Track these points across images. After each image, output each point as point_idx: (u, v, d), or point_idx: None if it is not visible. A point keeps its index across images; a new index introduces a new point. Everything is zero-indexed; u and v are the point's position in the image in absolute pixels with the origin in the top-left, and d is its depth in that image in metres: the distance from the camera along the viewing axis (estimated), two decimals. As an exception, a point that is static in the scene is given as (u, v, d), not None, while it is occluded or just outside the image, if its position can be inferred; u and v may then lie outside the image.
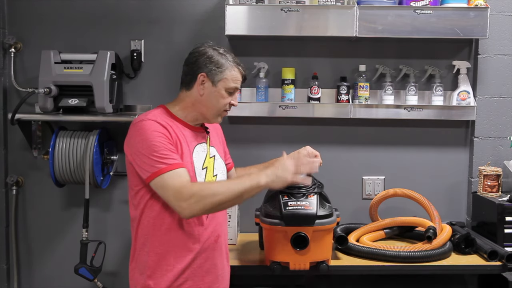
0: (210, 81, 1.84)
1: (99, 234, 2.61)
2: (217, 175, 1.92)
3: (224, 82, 1.84)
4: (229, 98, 1.87)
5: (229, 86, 1.85)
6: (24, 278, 2.69)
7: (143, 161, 1.72)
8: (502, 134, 2.65)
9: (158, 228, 1.79)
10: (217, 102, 1.85)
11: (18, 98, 2.54)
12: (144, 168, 1.72)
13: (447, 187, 2.69)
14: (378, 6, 2.45)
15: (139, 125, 1.76)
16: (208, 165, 1.89)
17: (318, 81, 2.58)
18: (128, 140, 1.79)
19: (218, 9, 2.60)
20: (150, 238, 1.80)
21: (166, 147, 1.73)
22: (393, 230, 2.48)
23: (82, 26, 2.61)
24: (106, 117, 2.42)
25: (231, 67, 1.86)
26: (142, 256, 1.82)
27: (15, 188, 2.63)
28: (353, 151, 2.68)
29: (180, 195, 1.68)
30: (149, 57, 2.63)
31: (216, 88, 1.84)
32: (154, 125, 1.76)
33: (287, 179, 1.76)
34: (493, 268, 2.20)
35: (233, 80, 1.86)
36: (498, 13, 2.60)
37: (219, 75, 1.84)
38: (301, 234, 1.96)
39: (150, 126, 1.75)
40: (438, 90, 2.58)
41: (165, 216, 1.79)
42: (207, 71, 1.83)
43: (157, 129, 1.75)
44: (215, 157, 1.95)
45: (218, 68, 1.83)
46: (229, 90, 1.86)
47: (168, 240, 1.79)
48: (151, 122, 1.76)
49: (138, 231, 1.83)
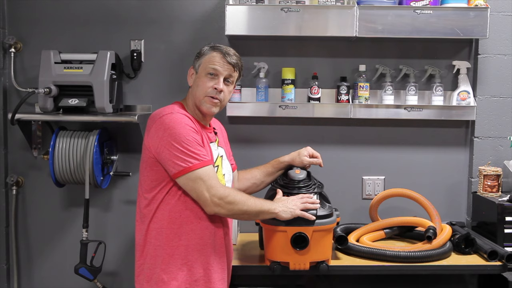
0: (194, 70, 1.94)
1: (99, 234, 2.61)
2: (225, 175, 1.97)
3: (203, 66, 1.90)
4: (211, 81, 1.89)
5: (207, 67, 1.89)
6: (24, 278, 2.69)
7: (174, 154, 1.76)
8: (502, 134, 2.65)
9: (173, 222, 1.82)
10: (199, 86, 1.89)
11: (18, 98, 2.54)
12: (175, 162, 1.75)
13: (447, 187, 2.69)
14: (378, 6, 2.45)
15: (168, 118, 1.79)
16: (219, 164, 1.94)
17: (318, 81, 2.58)
18: (153, 134, 1.80)
19: (218, 9, 2.60)
20: (164, 231, 1.82)
21: (198, 142, 1.79)
22: (393, 230, 2.48)
23: (82, 26, 2.61)
24: (106, 117, 2.42)
25: (208, 51, 1.92)
26: (154, 250, 1.83)
27: (15, 188, 2.63)
28: (353, 151, 2.68)
29: (216, 191, 1.77)
30: (149, 57, 2.63)
31: (198, 74, 1.92)
32: (185, 119, 1.81)
33: (293, 212, 1.92)
34: (493, 268, 2.20)
35: (211, 62, 1.89)
36: (498, 13, 2.60)
37: (199, 61, 1.92)
38: (301, 234, 1.96)
39: (181, 119, 1.80)
40: (438, 90, 2.58)
41: (181, 210, 1.82)
42: (194, 64, 1.95)
43: (188, 123, 1.81)
44: (223, 157, 2.00)
45: (199, 57, 1.93)
46: (209, 72, 1.89)
47: (183, 234, 1.81)
48: (181, 115, 1.81)
49: (150, 226, 1.83)
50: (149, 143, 1.82)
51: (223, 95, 1.91)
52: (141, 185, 1.88)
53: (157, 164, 1.81)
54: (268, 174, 2.22)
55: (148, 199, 1.84)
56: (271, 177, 2.22)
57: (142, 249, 1.86)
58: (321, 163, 2.21)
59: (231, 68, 1.91)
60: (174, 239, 1.81)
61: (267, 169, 2.22)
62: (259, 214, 1.89)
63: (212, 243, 1.86)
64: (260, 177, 2.23)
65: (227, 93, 1.93)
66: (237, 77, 1.98)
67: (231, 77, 1.93)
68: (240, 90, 2.58)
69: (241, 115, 2.56)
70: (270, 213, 1.90)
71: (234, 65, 1.91)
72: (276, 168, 2.21)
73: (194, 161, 1.76)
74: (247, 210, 1.83)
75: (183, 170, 1.75)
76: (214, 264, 1.87)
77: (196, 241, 1.83)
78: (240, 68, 1.97)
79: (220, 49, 1.91)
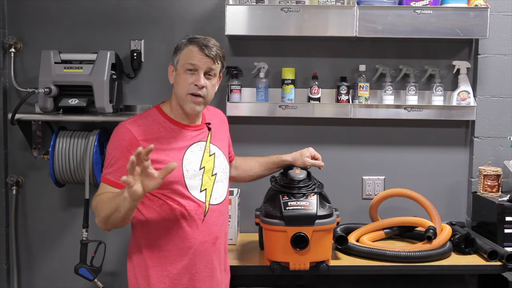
0: (174, 67, 1.84)
1: (99, 234, 2.60)
2: (216, 174, 1.88)
3: (181, 62, 1.79)
4: (191, 77, 1.78)
5: (185, 63, 1.78)
6: (24, 278, 2.69)
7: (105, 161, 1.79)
8: (502, 134, 2.64)
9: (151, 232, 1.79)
10: (179, 84, 1.80)
11: (18, 98, 2.54)
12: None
13: (447, 187, 2.69)
14: (378, 6, 2.45)
15: (115, 129, 1.79)
16: (206, 165, 1.86)
17: (318, 81, 2.58)
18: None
19: (218, 9, 2.60)
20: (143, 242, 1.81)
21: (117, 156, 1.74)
22: (393, 230, 2.48)
23: (82, 26, 2.61)
24: (106, 117, 2.42)
25: (185, 45, 1.80)
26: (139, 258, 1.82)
27: (15, 188, 2.63)
28: (353, 151, 2.68)
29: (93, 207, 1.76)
30: (149, 57, 2.63)
31: (177, 70, 1.81)
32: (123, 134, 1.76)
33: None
34: (493, 268, 2.20)
35: (188, 57, 1.77)
36: (498, 13, 2.60)
37: (177, 56, 1.82)
38: (301, 234, 1.96)
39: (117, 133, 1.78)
40: (438, 90, 2.58)
41: (160, 220, 1.77)
42: (172, 60, 1.85)
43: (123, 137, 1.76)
44: (215, 155, 1.91)
45: (176, 51, 1.83)
46: (187, 68, 1.77)
47: (163, 244, 1.78)
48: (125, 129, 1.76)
49: (135, 234, 1.83)
50: None
51: (205, 90, 1.79)
52: None
53: None
54: (267, 169, 2.21)
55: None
56: (268, 172, 2.22)
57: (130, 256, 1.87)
58: (322, 165, 2.21)
59: (211, 61, 1.78)
60: (154, 250, 1.79)
61: (268, 165, 2.21)
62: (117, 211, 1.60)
63: (194, 252, 1.81)
64: (257, 170, 2.21)
65: (211, 88, 1.81)
66: (221, 68, 1.85)
67: (212, 70, 1.80)
68: (240, 90, 2.58)
69: (241, 115, 2.56)
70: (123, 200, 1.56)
71: (214, 57, 1.78)
72: (277, 165, 2.21)
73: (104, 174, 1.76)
74: (108, 213, 1.63)
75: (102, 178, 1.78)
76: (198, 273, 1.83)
77: (177, 251, 1.79)
78: (222, 58, 1.83)
79: (197, 41, 1.79)
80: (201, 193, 1.82)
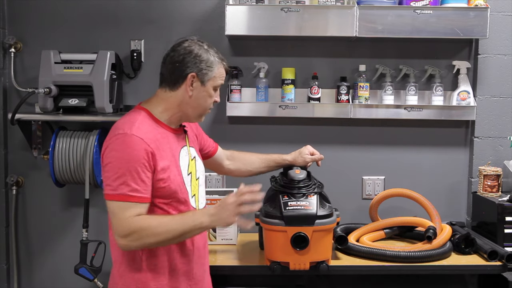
0: (200, 81, 1.73)
1: (99, 234, 2.60)
2: (199, 178, 1.85)
3: (213, 81, 1.75)
4: (214, 96, 1.79)
5: (217, 84, 1.77)
6: (24, 278, 2.69)
7: (104, 177, 1.63)
8: (502, 134, 2.65)
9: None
10: (205, 101, 1.76)
11: (18, 98, 2.54)
12: (107, 183, 1.62)
13: (447, 187, 2.69)
14: (378, 6, 2.45)
15: (120, 139, 1.62)
16: (192, 169, 1.82)
17: (318, 81, 2.58)
18: (105, 151, 1.64)
19: (218, 9, 2.60)
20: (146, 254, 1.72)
21: (135, 171, 1.60)
22: (393, 230, 2.48)
23: (82, 26, 2.61)
24: (106, 117, 2.42)
25: (218, 64, 1.76)
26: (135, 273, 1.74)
27: (15, 188, 2.63)
28: (353, 151, 2.68)
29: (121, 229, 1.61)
30: (149, 57, 2.63)
31: (205, 87, 1.74)
32: (138, 145, 1.62)
33: (228, 221, 1.66)
34: (493, 268, 2.20)
35: (221, 78, 1.78)
36: (498, 13, 2.60)
37: (209, 74, 1.74)
38: (301, 234, 1.96)
39: (131, 145, 1.61)
40: (438, 90, 2.58)
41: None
42: (197, 70, 1.72)
43: (137, 149, 1.61)
44: (196, 158, 1.87)
45: (208, 67, 1.73)
46: (216, 87, 1.79)
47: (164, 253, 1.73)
48: (137, 139, 1.62)
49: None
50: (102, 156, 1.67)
51: None
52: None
53: None
54: (267, 167, 2.21)
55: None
56: (268, 170, 2.22)
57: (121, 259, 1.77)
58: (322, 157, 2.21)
59: None
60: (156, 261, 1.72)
61: (269, 162, 2.20)
62: (183, 235, 1.66)
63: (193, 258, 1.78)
64: (257, 166, 2.20)
65: None
66: None
67: None
68: (240, 90, 2.58)
69: (241, 115, 2.56)
70: (199, 229, 1.66)
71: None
72: (277, 164, 2.21)
73: (112, 191, 1.60)
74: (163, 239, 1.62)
75: (105, 195, 1.62)
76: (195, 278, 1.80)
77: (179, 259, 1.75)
78: None
79: (225, 62, 1.81)
80: (192, 198, 1.79)
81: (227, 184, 2.66)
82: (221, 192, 2.50)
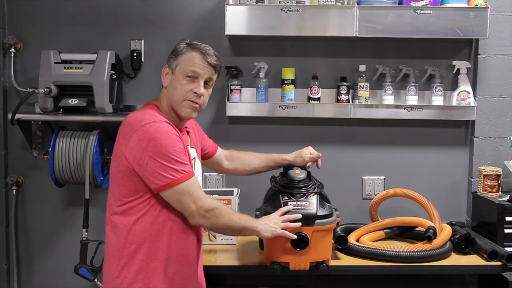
0: (170, 70, 1.78)
1: (99, 234, 2.60)
2: (197, 178, 1.83)
3: (181, 67, 1.75)
4: (190, 85, 1.75)
5: (185, 69, 1.74)
6: (24, 278, 2.69)
7: (160, 166, 1.64)
8: (502, 134, 2.65)
9: (156, 234, 1.72)
10: (176, 89, 1.75)
11: (18, 98, 2.54)
12: (162, 174, 1.65)
13: (447, 187, 2.69)
14: (378, 6, 2.45)
15: (153, 127, 1.66)
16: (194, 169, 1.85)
17: (318, 81, 2.58)
18: (134, 144, 1.66)
19: (218, 9, 2.60)
20: (147, 244, 1.71)
21: (183, 152, 1.70)
22: (393, 230, 2.48)
23: (82, 26, 2.61)
24: (106, 117, 2.42)
25: (186, 50, 1.76)
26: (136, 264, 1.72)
27: (15, 188, 2.63)
28: (353, 151, 2.68)
29: (202, 203, 1.70)
30: (149, 57, 2.63)
31: (175, 75, 1.76)
32: (169, 128, 1.69)
33: (274, 232, 1.88)
34: (493, 268, 2.20)
35: (190, 63, 1.74)
36: (498, 13, 2.60)
37: (176, 60, 1.76)
38: (301, 234, 1.96)
39: (166, 129, 1.67)
40: (438, 90, 2.58)
41: (163, 221, 1.72)
42: (168, 62, 1.79)
43: (174, 132, 1.70)
44: (195, 159, 1.90)
45: (175, 55, 1.77)
46: (187, 74, 1.74)
47: (165, 246, 1.73)
48: (166, 124, 1.69)
49: (129, 238, 1.71)
50: (128, 153, 1.67)
51: (203, 99, 1.78)
52: (114, 195, 1.73)
53: (136, 175, 1.68)
54: (267, 166, 2.21)
55: (123, 209, 1.71)
56: (267, 169, 2.22)
57: (118, 262, 1.73)
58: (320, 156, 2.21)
59: (212, 70, 1.77)
60: (157, 252, 1.72)
61: (268, 162, 2.20)
62: (241, 231, 1.84)
63: (192, 253, 1.80)
64: (256, 166, 2.21)
65: (207, 96, 1.80)
66: (217, 78, 1.84)
67: (211, 79, 1.80)
68: (240, 90, 2.58)
69: (241, 115, 2.56)
70: (252, 231, 1.84)
71: (215, 66, 1.78)
72: (277, 164, 2.20)
73: (179, 174, 1.66)
74: (232, 225, 1.77)
75: (170, 183, 1.65)
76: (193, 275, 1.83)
77: (178, 253, 1.76)
78: (220, 69, 1.83)
79: (200, 48, 1.77)
80: None
81: (227, 184, 2.66)
82: (221, 192, 2.51)
